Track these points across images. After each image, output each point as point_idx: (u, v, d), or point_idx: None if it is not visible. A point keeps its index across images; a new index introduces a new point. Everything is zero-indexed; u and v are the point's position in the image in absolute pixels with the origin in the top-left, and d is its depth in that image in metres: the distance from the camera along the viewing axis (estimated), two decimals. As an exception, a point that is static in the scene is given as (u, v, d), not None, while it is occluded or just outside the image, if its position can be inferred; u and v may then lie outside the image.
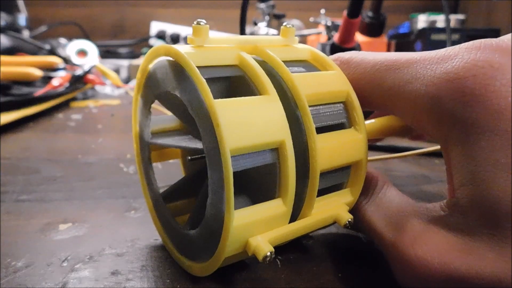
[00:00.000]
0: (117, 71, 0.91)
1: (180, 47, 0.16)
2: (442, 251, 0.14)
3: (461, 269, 0.14)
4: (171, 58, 0.17)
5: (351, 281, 0.19)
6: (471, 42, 0.15)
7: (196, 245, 0.18)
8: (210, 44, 0.17)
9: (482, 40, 0.15)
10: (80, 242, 0.22)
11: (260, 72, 0.16)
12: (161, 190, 0.21)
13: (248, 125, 0.15)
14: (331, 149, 0.17)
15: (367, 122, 0.22)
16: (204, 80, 0.15)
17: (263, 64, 0.18)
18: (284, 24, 0.20)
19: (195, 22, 0.17)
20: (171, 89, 0.17)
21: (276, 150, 0.16)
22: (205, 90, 0.15)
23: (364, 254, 0.21)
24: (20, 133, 0.46)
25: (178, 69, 0.17)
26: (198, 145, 0.18)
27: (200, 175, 0.22)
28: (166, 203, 0.21)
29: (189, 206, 0.22)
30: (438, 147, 0.32)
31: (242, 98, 0.16)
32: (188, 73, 0.16)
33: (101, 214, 0.25)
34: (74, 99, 0.69)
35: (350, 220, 0.18)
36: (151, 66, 0.19)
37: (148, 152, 0.21)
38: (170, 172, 0.32)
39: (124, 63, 0.97)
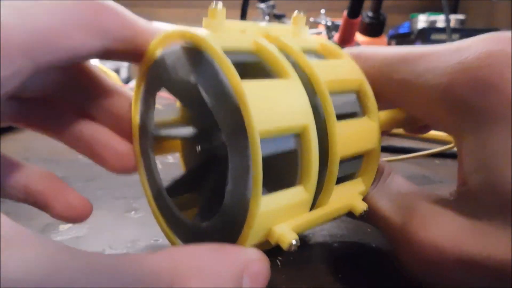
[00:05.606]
0: (117, 71, 0.91)
1: (197, 30, 0.16)
2: (454, 234, 0.14)
3: (473, 252, 0.14)
4: (183, 44, 0.16)
5: (351, 281, 0.19)
6: (485, 34, 0.15)
7: (210, 237, 0.17)
8: (225, 29, 0.16)
9: (496, 32, 0.15)
10: (80, 242, 0.22)
11: (280, 56, 0.16)
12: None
13: (274, 107, 0.14)
14: (349, 137, 0.17)
15: None
16: (230, 60, 0.14)
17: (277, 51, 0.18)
18: (296, 12, 0.19)
19: (212, 5, 0.16)
20: (184, 75, 0.16)
21: (299, 136, 0.15)
22: (231, 71, 0.14)
23: (364, 254, 0.21)
24: (20, 133, 0.46)
25: (193, 53, 0.16)
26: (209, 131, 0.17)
27: (202, 168, 0.21)
28: (171, 197, 0.20)
29: (191, 201, 0.22)
30: (439, 149, 0.32)
31: (267, 80, 0.15)
32: (209, 56, 0.15)
33: (101, 215, 0.25)
34: (74, 99, 0.69)
35: (365, 209, 0.17)
36: (158, 52, 0.18)
37: (151, 142, 0.20)
38: (170, 173, 0.32)
39: (124, 63, 0.97)
